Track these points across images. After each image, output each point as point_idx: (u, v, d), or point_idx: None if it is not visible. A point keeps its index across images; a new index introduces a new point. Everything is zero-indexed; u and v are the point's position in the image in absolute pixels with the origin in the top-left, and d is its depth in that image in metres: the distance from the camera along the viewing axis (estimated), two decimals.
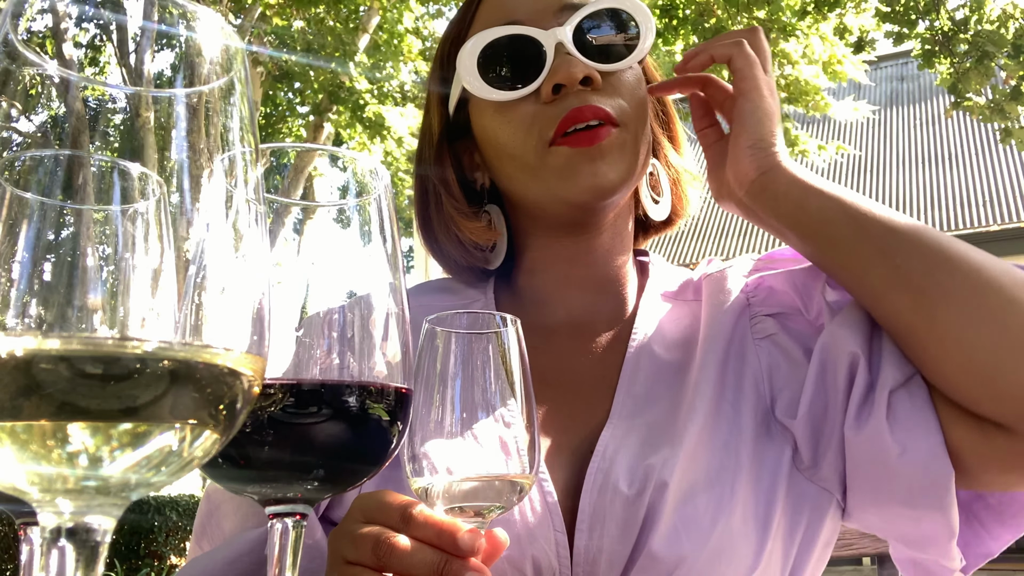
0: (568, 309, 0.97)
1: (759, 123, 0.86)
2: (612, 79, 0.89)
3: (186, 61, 0.37)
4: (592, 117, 0.85)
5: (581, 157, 0.85)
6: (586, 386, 0.92)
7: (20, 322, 0.32)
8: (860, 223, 0.80)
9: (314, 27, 7.21)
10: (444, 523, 0.60)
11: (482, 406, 0.61)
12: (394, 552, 0.60)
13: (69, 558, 0.32)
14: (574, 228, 0.94)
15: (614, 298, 0.98)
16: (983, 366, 0.73)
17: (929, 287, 0.76)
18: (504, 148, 0.91)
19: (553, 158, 0.86)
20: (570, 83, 0.85)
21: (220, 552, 0.80)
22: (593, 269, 0.96)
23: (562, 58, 0.87)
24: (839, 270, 0.83)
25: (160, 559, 7.96)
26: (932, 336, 0.76)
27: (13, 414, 0.30)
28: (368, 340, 0.50)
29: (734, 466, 0.82)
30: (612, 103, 0.87)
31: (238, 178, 0.37)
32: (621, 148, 0.87)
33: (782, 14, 6.16)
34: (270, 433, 0.46)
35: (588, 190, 0.86)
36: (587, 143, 0.85)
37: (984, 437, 0.76)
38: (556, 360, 0.93)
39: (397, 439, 0.51)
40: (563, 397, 0.90)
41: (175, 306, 0.34)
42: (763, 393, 0.87)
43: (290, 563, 0.48)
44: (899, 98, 14.87)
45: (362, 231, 0.52)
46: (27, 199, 0.34)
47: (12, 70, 0.34)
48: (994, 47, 5.94)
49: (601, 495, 0.80)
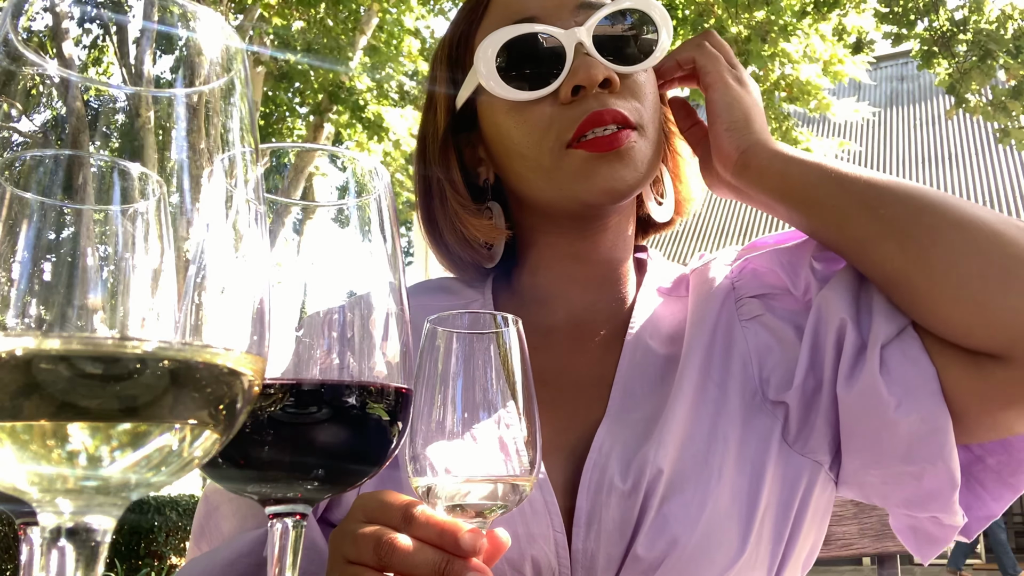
0: (569, 308, 0.97)
1: (729, 108, 0.89)
2: (629, 81, 0.89)
3: (186, 61, 0.37)
4: (611, 121, 0.85)
5: (599, 161, 0.85)
6: (584, 385, 0.92)
7: (20, 322, 0.32)
8: (842, 182, 0.83)
9: (314, 28, 7.22)
10: (446, 523, 0.60)
11: (483, 406, 0.61)
12: (395, 552, 0.60)
13: (69, 558, 0.32)
14: (580, 226, 0.94)
15: (614, 296, 0.98)
16: (973, 295, 0.75)
17: (915, 230, 0.78)
18: (517, 148, 0.90)
19: (570, 161, 0.86)
20: (590, 85, 0.85)
21: (219, 553, 0.80)
22: (596, 267, 0.97)
23: (582, 59, 0.86)
24: (827, 230, 0.85)
25: (160, 559, 7.96)
26: (922, 275, 0.78)
27: (13, 414, 0.30)
28: (368, 340, 0.50)
29: (722, 449, 0.82)
30: (629, 106, 0.87)
31: (238, 178, 0.37)
32: (638, 151, 0.87)
33: (782, 15, 6.16)
34: (270, 433, 0.46)
35: (604, 192, 0.86)
36: (606, 148, 0.85)
37: (980, 373, 0.77)
38: (555, 359, 0.93)
39: (397, 439, 0.51)
40: (561, 396, 0.90)
41: (175, 306, 0.34)
42: (751, 374, 0.88)
43: (290, 563, 0.48)
44: (899, 98, 14.87)
45: (362, 231, 0.52)
46: (27, 199, 0.34)
47: (12, 70, 0.34)
48: (996, 46, 5.95)
49: (597, 493, 0.80)
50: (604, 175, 0.85)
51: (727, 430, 0.84)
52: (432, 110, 1.00)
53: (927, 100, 14.22)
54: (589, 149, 0.85)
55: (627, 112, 0.86)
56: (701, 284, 0.96)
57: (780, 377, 0.87)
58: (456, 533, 0.59)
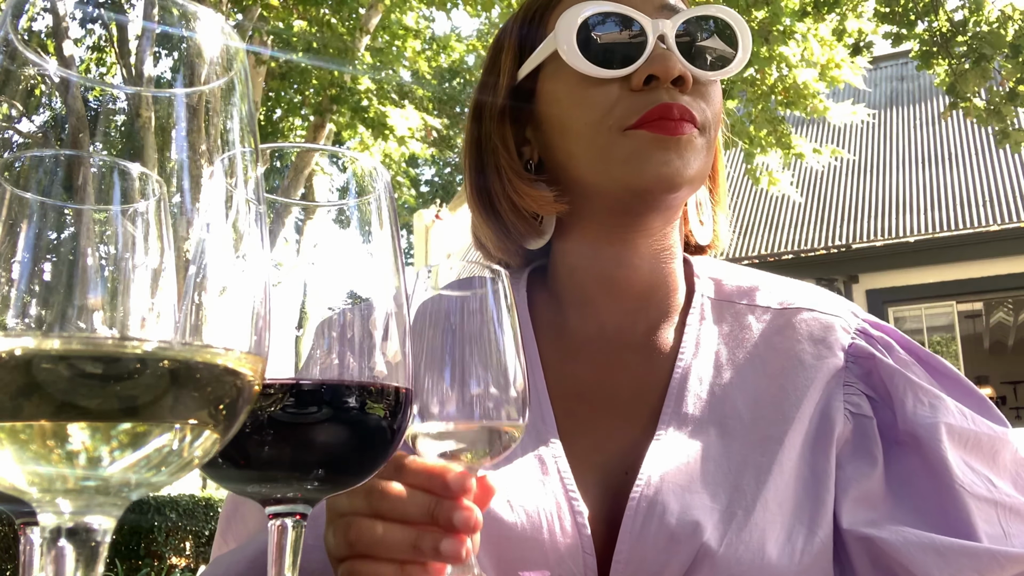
0: (608, 315, 0.94)
1: None
2: (700, 86, 0.88)
3: (186, 61, 0.37)
4: (678, 116, 0.84)
5: (656, 145, 0.84)
6: (623, 400, 0.89)
7: (20, 322, 0.32)
8: None
9: (317, 27, 7.21)
10: (434, 467, 0.62)
11: (473, 358, 0.63)
12: (387, 498, 0.62)
13: (69, 558, 0.32)
14: (623, 222, 0.90)
15: (657, 307, 0.94)
16: None
17: None
18: (574, 124, 0.88)
19: (626, 143, 0.85)
20: (664, 77, 0.84)
21: (245, 550, 0.80)
22: (638, 273, 0.93)
23: (661, 51, 0.86)
24: None
25: (160, 559, 7.96)
26: None
27: (13, 414, 0.30)
28: (368, 340, 0.50)
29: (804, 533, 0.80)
30: (698, 106, 0.87)
31: (238, 178, 0.37)
32: (695, 149, 0.86)
33: (782, 16, 6.15)
34: (270, 433, 0.46)
35: (655, 179, 0.84)
36: (670, 132, 0.84)
37: None
38: (591, 371, 0.91)
39: (397, 439, 0.51)
40: (597, 411, 0.88)
41: (175, 306, 0.34)
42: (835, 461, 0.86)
43: (290, 563, 0.48)
44: (899, 98, 14.87)
45: (362, 231, 0.52)
46: (27, 199, 0.34)
47: (12, 70, 0.34)
48: (992, 49, 5.94)
49: (645, 525, 0.78)
50: (658, 160, 0.83)
51: (813, 519, 0.82)
52: (495, 74, 0.98)
53: (927, 100, 14.22)
54: (653, 130, 0.84)
55: (695, 111, 0.86)
56: (817, 344, 0.91)
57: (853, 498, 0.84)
58: (444, 475, 0.61)
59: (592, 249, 0.93)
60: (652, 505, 0.79)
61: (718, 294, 0.97)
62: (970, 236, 10.73)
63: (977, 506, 0.81)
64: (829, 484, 0.83)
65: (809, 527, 0.80)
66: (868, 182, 12.70)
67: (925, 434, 0.84)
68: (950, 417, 0.85)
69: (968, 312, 12.83)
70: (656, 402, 0.88)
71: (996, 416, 0.88)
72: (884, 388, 0.88)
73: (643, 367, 0.91)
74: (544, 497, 0.80)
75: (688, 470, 0.81)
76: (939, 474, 0.82)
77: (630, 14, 0.87)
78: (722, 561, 0.76)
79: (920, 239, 10.90)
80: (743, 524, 0.78)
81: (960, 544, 0.78)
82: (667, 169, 0.83)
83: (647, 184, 0.84)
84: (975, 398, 0.90)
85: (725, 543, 0.77)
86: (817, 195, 12.55)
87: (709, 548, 0.76)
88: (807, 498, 0.82)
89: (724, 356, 0.91)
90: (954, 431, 0.84)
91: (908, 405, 0.86)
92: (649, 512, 0.78)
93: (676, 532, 0.77)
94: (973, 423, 0.86)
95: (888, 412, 0.87)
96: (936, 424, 0.84)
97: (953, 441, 0.84)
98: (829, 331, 0.92)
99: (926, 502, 0.83)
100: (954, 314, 11.90)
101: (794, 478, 0.83)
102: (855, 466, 0.85)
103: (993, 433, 0.86)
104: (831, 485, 0.83)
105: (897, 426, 0.86)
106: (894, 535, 0.80)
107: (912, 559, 0.78)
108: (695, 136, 0.85)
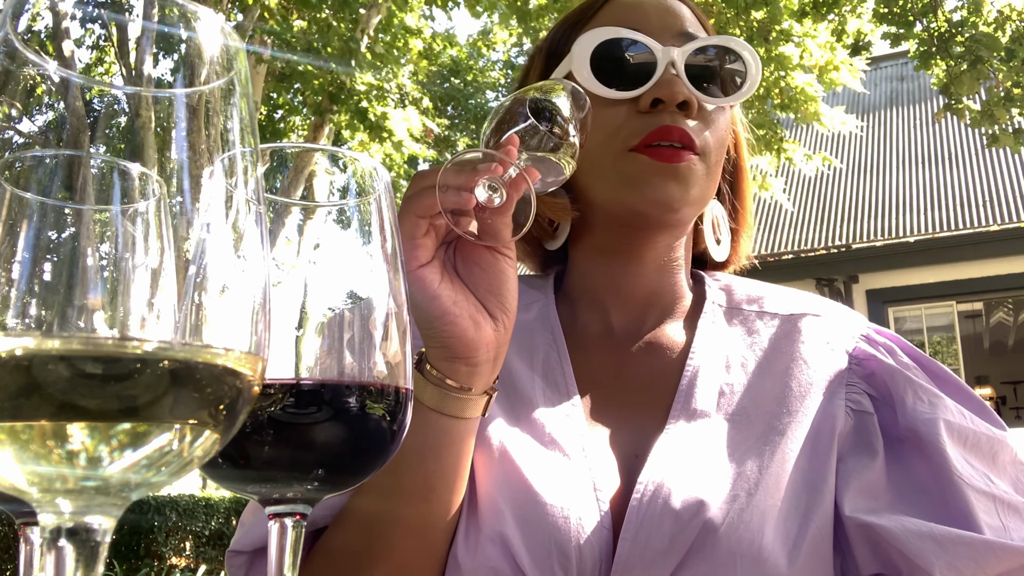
0: (616, 316, 0.99)
1: None
2: (706, 112, 0.93)
3: (186, 61, 0.37)
4: (677, 139, 0.89)
5: (655, 171, 0.89)
6: (633, 393, 0.94)
7: (20, 322, 0.32)
8: None
9: (317, 28, 7.21)
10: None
11: None
12: (448, 168, 0.69)
13: (69, 558, 0.32)
14: (629, 234, 0.96)
15: (663, 311, 0.99)
16: None
17: None
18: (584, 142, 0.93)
19: (629, 164, 0.90)
20: (669, 101, 0.89)
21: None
22: (643, 280, 0.98)
23: (669, 76, 0.90)
24: None
25: (160, 559, 7.96)
26: None
27: (13, 414, 0.30)
28: (368, 340, 0.50)
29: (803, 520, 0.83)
30: (699, 134, 0.91)
31: (238, 178, 0.37)
32: (694, 175, 0.90)
33: (781, 17, 6.15)
34: (270, 433, 0.46)
35: (652, 202, 0.89)
36: (666, 159, 0.89)
37: None
38: (602, 365, 0.96)
39: (397, 439, 0.51)
40: (610, 402, 0.92)
41: (175, 306, 0.34)
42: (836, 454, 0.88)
43: (290, 563, 0.48)
44: (899, 98, 14.87)
45: (362, 231, 0.52)
46: (27, 199, 0.34)
47: (12, 70, 0.34)
48: (987, 51, 5.95)
49: (652, 503, 0.81)
50: (656, 186, 0.89)
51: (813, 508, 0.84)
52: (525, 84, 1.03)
53: (927, 100, 14.22)
54: (652, 157, 0.89)
55: (694, 136, 0.90)
56: (821, 344, 0.94)
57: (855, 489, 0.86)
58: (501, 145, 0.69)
59: (601, 257, 1.00)
60: (659, 486, 0.82)
61: (729, 302, 1.02)
62: (970, 236, 10.74)
63: (976, 498, 0.82)
64: (828, 477, 0.86)
65: (804, 515, 0.83)
66: (868, 182, 12.71)
67: (925, 429, 0.86)
68: (949, 415, 0.87)
69: (968, 312, 12.85)
70: (666, 397, 0.92)
71: (995, 421, 0.90)
72: (885, 387, 0.91)
73: (652, 364, 0.96)
74: (571, 473, 0.84)
75: (695, 456, 0.85)
76: (939, 467, 0.84)
77: (644, 40, 0.92)
78: (723, 540, 0.78)
79: (920, 239, 10.91)
80: (745, 506, 0.81)
81: (959, 534, 0.80)
82: (664, 195, 0.89)
83: (645, 207, 0.90)
84: (975, 403, 0.92)
85: (727, 523, 0.79)
86: (817, 195, 12.56)
87: (712, 525, 0.79)
88: (804, 489, 0.85)
89: (733, 358, 0.95)
90: (953, 428, 0.86)
91: (908, 402, 0.88)
92: (656, 492, 0.82)
93: (680, 511, 0.80)
94: (972, 423, 0.88)
95: (889, 410, 0.90)
96: (935, 420, 0.86)
97: (952, 437, 0.86)
98: (834, 335, 0.96)
99: (927, 493, 0.85)
100: (954, 314, 11.92)
101: (794, 468, 0.85)
102: (856, 458, 0.88)
103: (992, 435, 0.87)
104: (830, 479, 0.86)
105: (898, 423, 0.89)
106: (894, 523, 0.82)
107: (911, 547, 0.79)
108: (695, 163, 0.90)
